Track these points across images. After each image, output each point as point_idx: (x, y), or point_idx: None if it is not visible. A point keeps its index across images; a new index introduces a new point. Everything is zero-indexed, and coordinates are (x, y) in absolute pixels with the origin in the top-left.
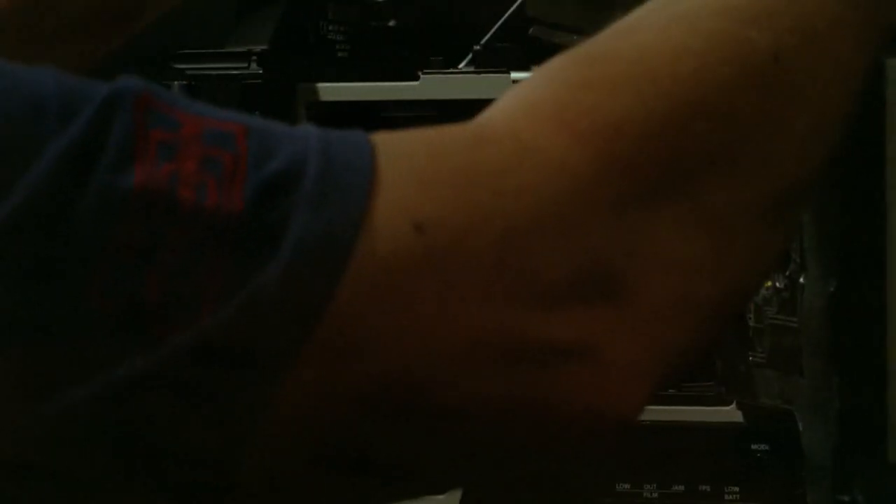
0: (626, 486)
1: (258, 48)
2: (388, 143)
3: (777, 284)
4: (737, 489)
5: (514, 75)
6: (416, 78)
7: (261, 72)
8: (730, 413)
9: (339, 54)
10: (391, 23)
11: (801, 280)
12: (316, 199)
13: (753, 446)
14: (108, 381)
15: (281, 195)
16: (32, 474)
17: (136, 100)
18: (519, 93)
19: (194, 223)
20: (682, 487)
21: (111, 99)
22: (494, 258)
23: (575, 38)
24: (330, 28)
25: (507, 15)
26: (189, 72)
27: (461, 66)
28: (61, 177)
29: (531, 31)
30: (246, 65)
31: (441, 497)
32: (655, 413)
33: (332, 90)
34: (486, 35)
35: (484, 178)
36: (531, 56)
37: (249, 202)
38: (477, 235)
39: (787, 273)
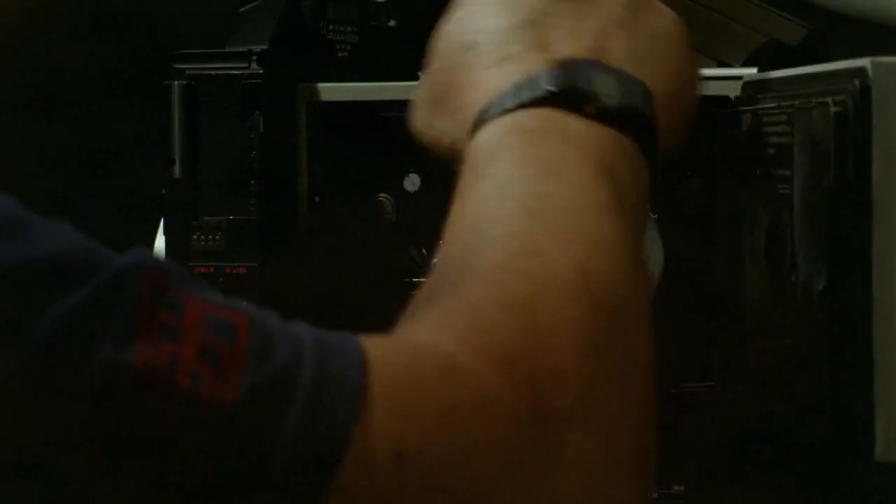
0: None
1: (258, 48)
2: (378, 358)
3: (770, 284)
4: (737, 489)
5: None
6: (416, 78)
7: (261, 72)
8: (729, 413)
9: (339, 54)
10: (391, 23)
11: (793, 279)
12: (305, 413)
13: (753, 446)
14: None
15: (272, 398)
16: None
17: (145, 277)
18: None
19: (184, 409)
20: (681, 487)
21: (122, 272)
22: (468, 497)
23: None
24: (330, 28)
25: None
26: (189, 72)
27: None
28: (59, 343)
29: None
30: (246, 65)
31: None
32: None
33: (332, 90)
34: None
35: (458, 415)
36: None
37: (240, 399)
38: (453, 476)
39: (780, 273)
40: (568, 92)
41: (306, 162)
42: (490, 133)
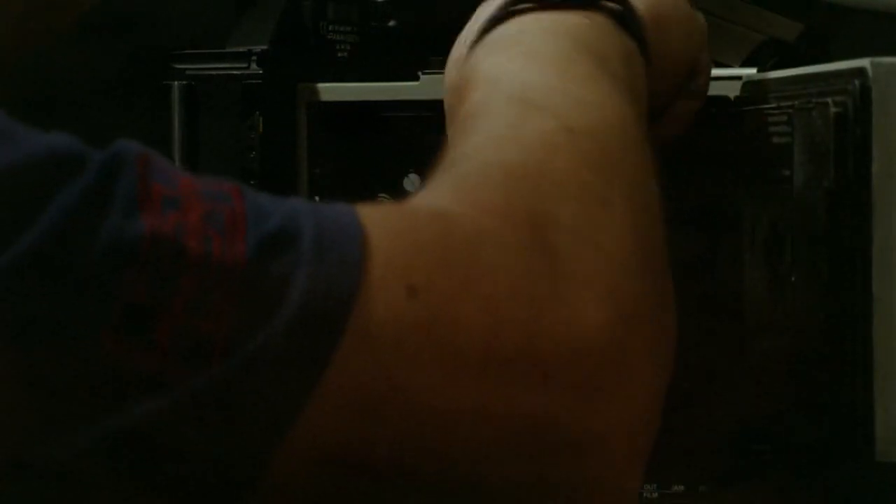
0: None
1: (258, 48)
2: (372, 212)
3: (770, 283)
4: (737, 489)
5: None
6: (416, 78)
7: (261, 72)
8: (729, 412)
9: (339, 54)
10: (391, 23)
11: (793, 279)
12: (314, 258)
13: (753, 446)
14: (121, 422)
15: (280, 252)
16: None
17: (137, 157)
18: (449, 190)
19: (202, 271)
20: (682, 487)
21: (115, 155)
22: (485, 328)
23: None
24: (330, 28)
25: None
26: (189, 72)
27: None
28: (71, 224)
29: None
30: (246, 65)
31: None
32: None
33: (332, 90)
34: None
35: (460, 251)
36: None
37: (252, 256)
38: (465, 303)
39: (780, 272)
40: None
41: (306, 162)
42: (478, 49)
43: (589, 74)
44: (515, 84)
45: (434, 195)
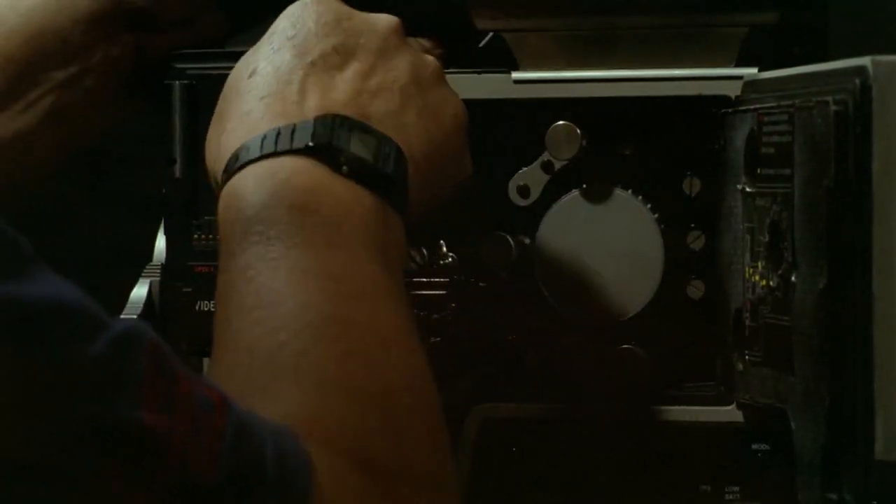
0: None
1: None
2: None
3: (771, 283)
4: (737, 489)
5: (515, 75)
6: None
7: None
8: (730, 413)
9: None
10: None
11: (793, 279)
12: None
13: (753, 446)
14: None
15: (246, 482)
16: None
17: (148, 342)
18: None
19: (175, 481)
20: (681, 487)
21: (129, 333)
22: None
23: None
24: None
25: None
26: (189, 72)
27: None
28: (75, 391)
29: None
30: None
31: None
32: (655, 413)
33: None
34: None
35: None
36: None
37: (222, 478)
38: None
39: (780, 272)
40: (324, 147)
41: None
42: (251, 184)
43: (372, 264)
44: (303, 304)
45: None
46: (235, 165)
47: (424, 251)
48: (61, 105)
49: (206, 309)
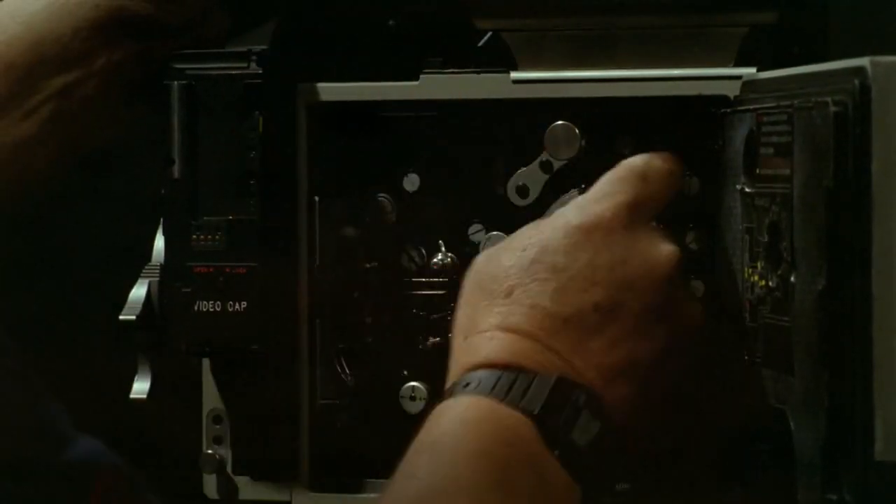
0: (626, 486)
1: (258, 48)
2: None
3: (770, 284)
4: (737, 489)
5: (514, 75)
6: (416, 78)
7: (260, 72)
8: (729, 410)
9: (339, 54)
10: (391, 23)
11: (792, 279)
12: None
13: (753, 446)
14: None
15: None
16: None
17: (98, 474)
18: None
19: None
20: (680, 487)
21: (78, 463)
22: None
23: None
24: (330, 28)
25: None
26: (189, 72)
27: None
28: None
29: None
30: (246, 65)
31: None
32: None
33: (332, 90)
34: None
35: None
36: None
37: None
38: None
39: (780, 272)
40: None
41: (306, 162)
42: (454, 408)
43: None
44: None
45: None
46: (461, 386)
47: (424, 251)
48: (63, 111)
49: (204, 309)
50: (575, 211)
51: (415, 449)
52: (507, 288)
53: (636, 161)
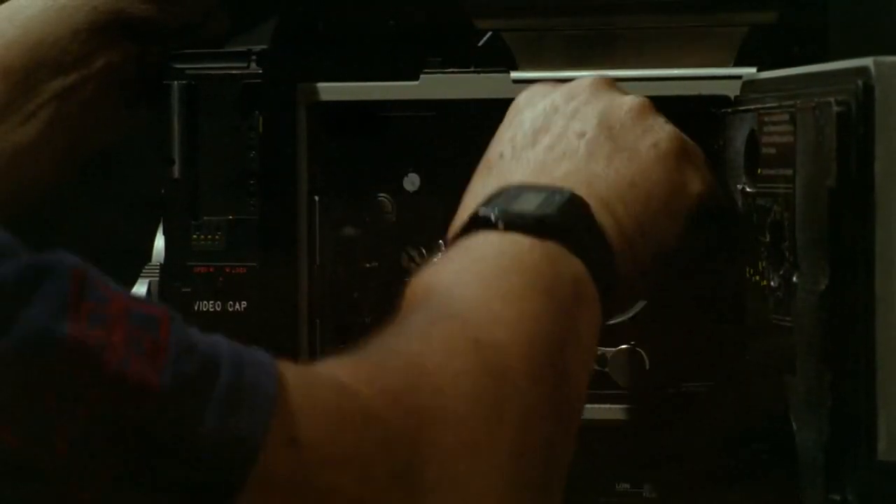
0: (626, 485)
1: (258, 48)
2: (287, 371)
3: (772, 284)
4: (737, 489)
5: (514, 75)
6: (416, 78)
7: (261, 72)
8: (729, 411)
9: (339, 54)
10: (391, 23)
11: (795, 279)
12: (227, 405)
13: (753, 446)
14: None
15: (194, 391)
16: None
17: (72, 270)
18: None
19: (113, 389)
20: (680, 487)
21: (50, 260)
22: (353, 494)
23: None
24: (330, 28)
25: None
26: (189, 72)
27: None
28: None
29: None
30: (246, 65)
31: None
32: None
33: (332, 90)
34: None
35: (346, 423)
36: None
37: (165, 388)
38: (340, 473)
39: (782, 272)
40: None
41: (306, 162)
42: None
43: (517, 294)
44: (443, 295)
45: (341, 365)
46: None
47: (424, 251)
48: (62, 115)
49: (204, 309)
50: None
51: (457, 267)
52: (550, 142)
53: None
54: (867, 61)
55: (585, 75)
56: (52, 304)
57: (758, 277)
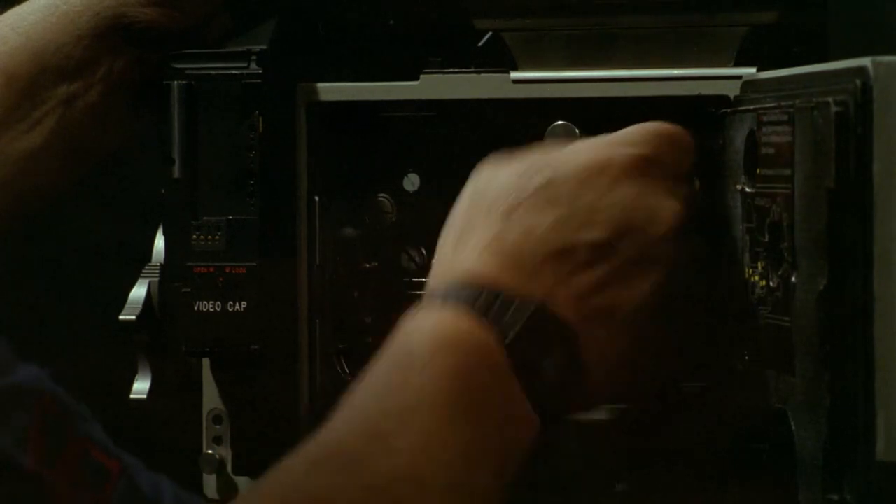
0: (625, 486)
1: (258, 48)
2: None
3: (771, 284)
4: (737, 489)
5: (514, 75)
6: (416, 78)
7: (260, 72)
8: (729, 410)
9: (339, 54)
10: (391, 23)
11: (793, 279)
12: None
13: (752, 446)
14: None
15: None
16: None
17: (39, 400)
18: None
19: None
20: (679, 487)
21: (22, 385)
22: None
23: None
24: (330, 28)
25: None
26: (189, 72)
27: None
28: None
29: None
30: (246, 65)
31: None
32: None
33: (332, 90)
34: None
35: None
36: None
37: None
38: None
39: (780, 272)
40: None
41: (306, 162)
42: (429, 320)
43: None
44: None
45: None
46: (439, 296)
47: (424, 251)
48: (67, 121)
49: (204, 309)
50: (590, 149)
51: (385, 359)
52: (508, 208)
53: (664, 124)
54: (865, 61)
55: (585, 75)
56: (17, 432)
57: (757, 277)
